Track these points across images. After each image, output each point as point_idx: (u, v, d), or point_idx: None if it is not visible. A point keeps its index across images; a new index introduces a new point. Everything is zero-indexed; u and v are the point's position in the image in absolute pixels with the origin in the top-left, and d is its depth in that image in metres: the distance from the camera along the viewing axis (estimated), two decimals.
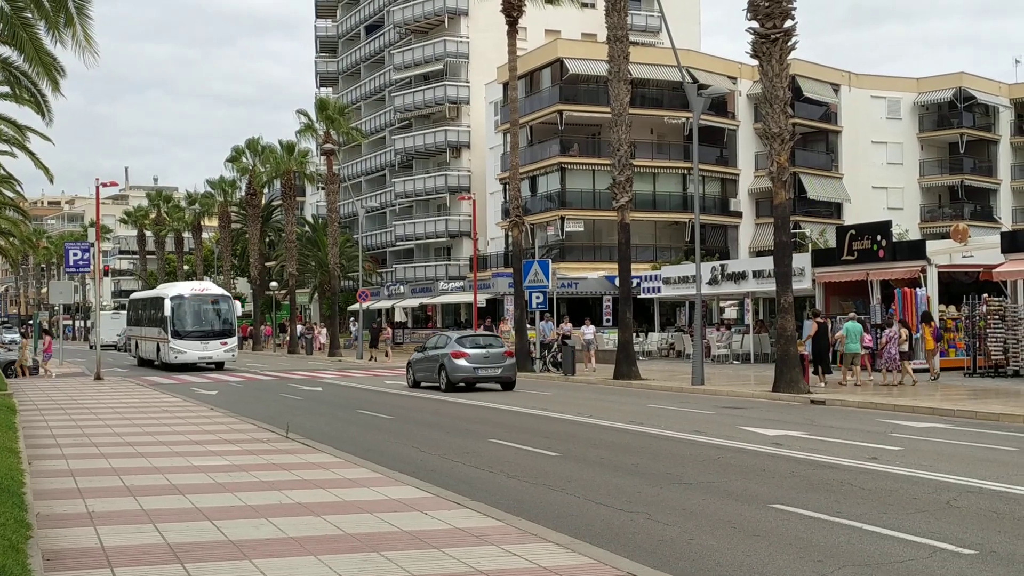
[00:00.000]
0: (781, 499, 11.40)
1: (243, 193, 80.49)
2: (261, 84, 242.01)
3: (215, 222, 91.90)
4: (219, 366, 45.81)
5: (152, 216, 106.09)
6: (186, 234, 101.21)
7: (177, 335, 44.36)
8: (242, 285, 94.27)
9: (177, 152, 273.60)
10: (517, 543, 8.83)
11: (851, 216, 67.32)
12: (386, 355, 54.25)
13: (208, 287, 48.86)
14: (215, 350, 45.11)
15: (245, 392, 31.60)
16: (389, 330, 60.69)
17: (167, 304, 44.58)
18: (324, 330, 68.27)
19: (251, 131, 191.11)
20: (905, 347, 28.52)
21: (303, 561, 8.24)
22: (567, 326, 40.80)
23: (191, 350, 44.45)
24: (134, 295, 59.92)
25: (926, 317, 29.90)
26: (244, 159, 76.26)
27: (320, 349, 65.88)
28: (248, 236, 79.27)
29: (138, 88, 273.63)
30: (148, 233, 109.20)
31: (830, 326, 30.28)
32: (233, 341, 46.15)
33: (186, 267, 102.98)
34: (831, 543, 9.33)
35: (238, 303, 48.43)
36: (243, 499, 11.07)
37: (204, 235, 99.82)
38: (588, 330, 41.70)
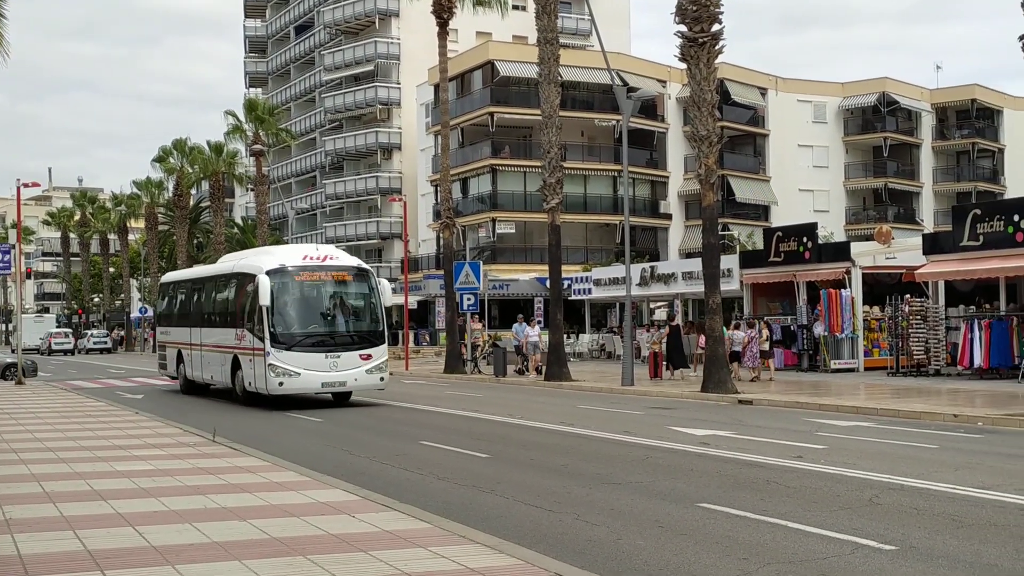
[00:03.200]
0: (708, 498, 11.50)
1: (170, 194, 79.28)
2: (190, 84, 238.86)
3: (142, 223, 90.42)
4: (344, 398, 26.48)
5: (77, 217, 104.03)
6: (112, 236, 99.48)
7: (280, 342, 24.58)
8: None
9: (103, 153, 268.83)
10: (445, 545, 8.79)
11: (778, 218, 68.29)
12: None
13: (333, 253, 26.91)
14: (352, 369, 25.04)
15: (173, 395, 31.12)
16: None
17: (263, 286, 24.44)
18: None
19: (180, 132, 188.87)
20: (766, 346, 30.77)
21: (227, 566, 8.12)
22: (534, 329, 39.41)
23: (309, 369, 24.64)
24: (171, 275, 38.13)
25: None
26: (171, 160, 75.16)
27: None
28: (176, 238, 78.09)
29: (64, 88, 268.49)
30: (72, 235, 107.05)
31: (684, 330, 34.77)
32: (382, 352, 25.69)
33: (112, 269, 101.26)
34: (756, 541, 9.43)
35: (387, 283, 26.97)
36: (167, 504, 10.89)
37: (130, 237, 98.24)
38: (533, 332, 40.85)
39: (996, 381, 27.94)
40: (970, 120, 79.76)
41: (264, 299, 24.07)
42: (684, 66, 28.61)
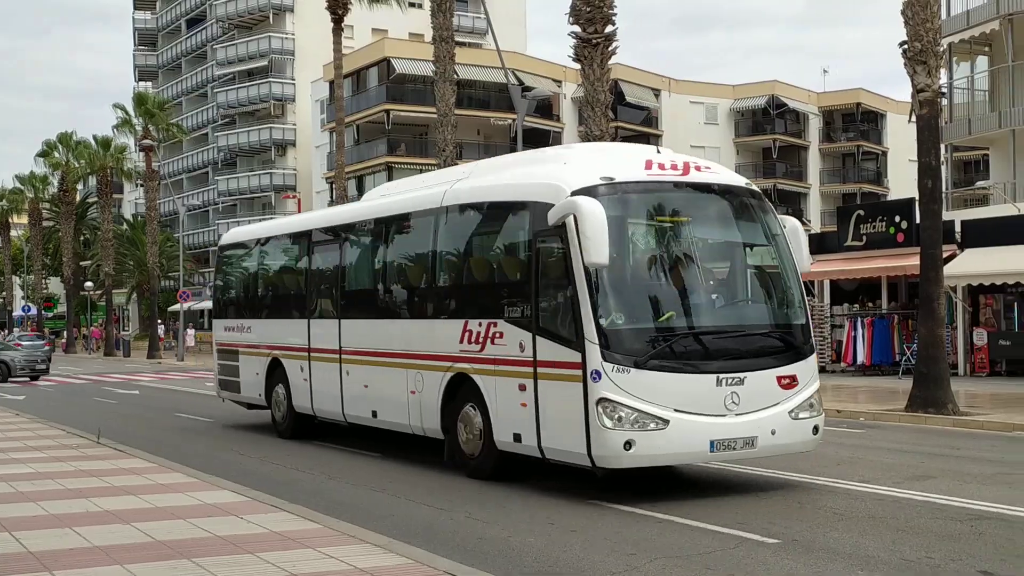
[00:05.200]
0: (598, 495, 11.62)
1: (56, 189, 77.08)
2: (79, 77, 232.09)
3: (25, 219, 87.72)
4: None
5: None
6: None
7: (624, 350, 10.97)
8: (55, 285, 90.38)
9: None
10: (335, 545, 8.73)
11: None
12: None
13: (699, 162, 12.58)
14: (764, 410, 11.42)
15: (55, 396, 30.28)
16: None
17: (592, 224, 10.73)
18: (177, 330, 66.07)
19: (70, 125, 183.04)
20: None
21: (109, 571, 7.94)
22: None
23: (687, 410, 11.02)
24: (253, 230, 22.79)
25: None
26: (56, 154, 73.10)
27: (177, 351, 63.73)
28: (61, 234, 75.97)
29: None
30: None
31: None
32: (810, 369, 11.97)
33: None
34: (643, 536, 9.57)
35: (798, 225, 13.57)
36: (47, 508, 10.59)
37: (13, 233, 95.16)
38: None
39: (878, 377, 28.83)
40: (855, 123, 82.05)
41: (594, 254, 10.75)
42: (578, 66, 28.84)
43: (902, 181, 79.66)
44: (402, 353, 14.26)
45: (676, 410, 10.87)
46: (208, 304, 78.63)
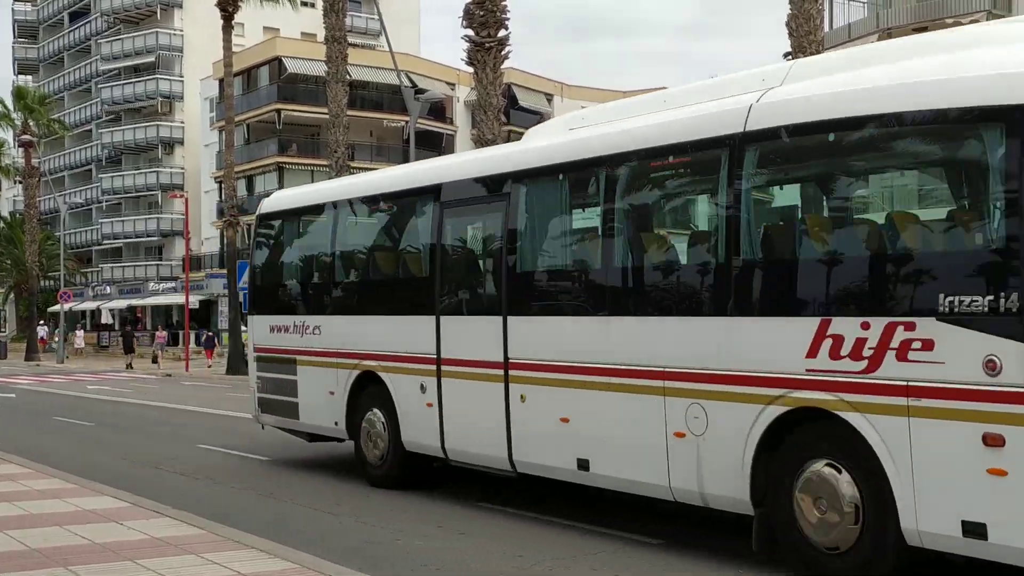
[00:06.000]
0: (487, 498, 11.65)
1: None
2: None
3: None
4: None
5: None
6: None
7: None
8: None
9: None
10: (218, 551, 8.57)
11: None
12: (154, 361, 47.52)
13: None
14: None
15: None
16: (164, 334, 53.94)
17: None
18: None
19: None
20: None
21: None
22: None
23: None
24: (329, 187, 16.23)
25: None
26: None
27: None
28: None
29: None
30: None
31: None
32: None
33: None
34: (532, 539, 9.63)
35: None
36: None
37: None
38: None
39: None
40: None
41: None
42: (472, 70, 28.94)
43: None
44: (658, 371, 8.87)
45: None
46: (91, 305, 76.76)
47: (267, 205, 15.83)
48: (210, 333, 50.98)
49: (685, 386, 8.63)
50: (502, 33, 27.68)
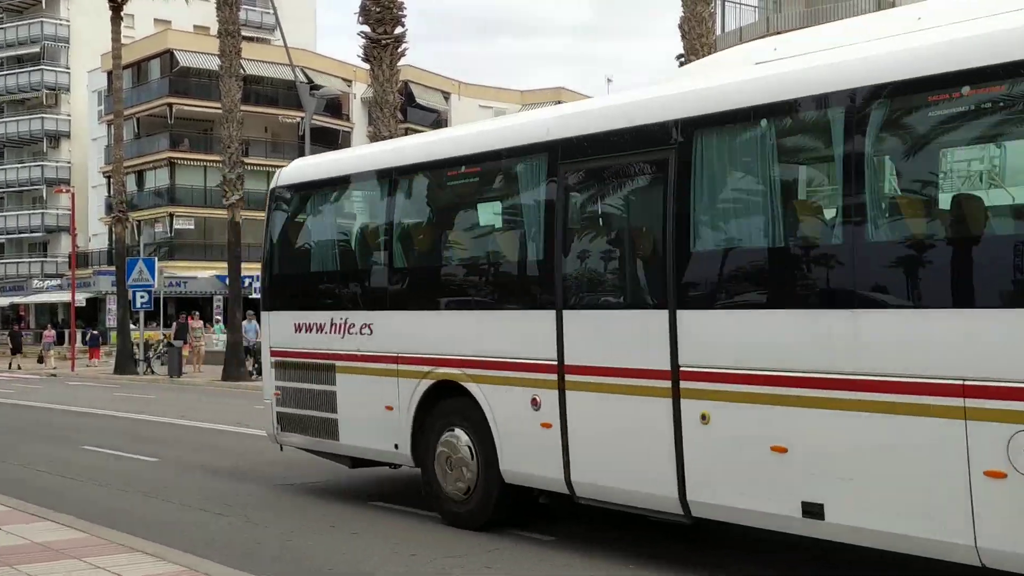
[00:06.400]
0: (381, 498, 11.59)
1: None
2: None
3: None
4: None
5: None
6: None
7: None
8: None
9: None
10: (104, 555, 8.35)
11: None
12: (40, 360, 46.29)
13: None
14: None
15: None
16: (52, 332, 50.91)
17: None
18: None
19: None
20: None
21: None
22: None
23: None
24: (392, 147, 12.65)
25: None
26: None
27: None
28: None
29: None
30: None
31: None
32: None
33: None
34: (426, 537, 9.59)
35: None
36: None
37: None
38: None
39: None
40: None
41: None
42: (368, 67, 28.75)
43: None
44: (955, 385, 6.25)
45: None
46: None
47: (287, 176, 12.49)
48: (95, 332, 49.65)
49: (1000, 406, 6.01)
50: (399, 30, 27.58)
